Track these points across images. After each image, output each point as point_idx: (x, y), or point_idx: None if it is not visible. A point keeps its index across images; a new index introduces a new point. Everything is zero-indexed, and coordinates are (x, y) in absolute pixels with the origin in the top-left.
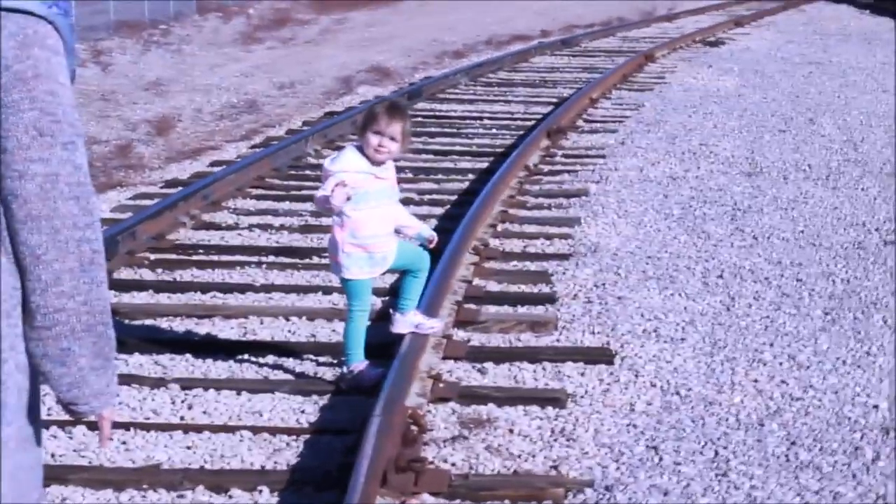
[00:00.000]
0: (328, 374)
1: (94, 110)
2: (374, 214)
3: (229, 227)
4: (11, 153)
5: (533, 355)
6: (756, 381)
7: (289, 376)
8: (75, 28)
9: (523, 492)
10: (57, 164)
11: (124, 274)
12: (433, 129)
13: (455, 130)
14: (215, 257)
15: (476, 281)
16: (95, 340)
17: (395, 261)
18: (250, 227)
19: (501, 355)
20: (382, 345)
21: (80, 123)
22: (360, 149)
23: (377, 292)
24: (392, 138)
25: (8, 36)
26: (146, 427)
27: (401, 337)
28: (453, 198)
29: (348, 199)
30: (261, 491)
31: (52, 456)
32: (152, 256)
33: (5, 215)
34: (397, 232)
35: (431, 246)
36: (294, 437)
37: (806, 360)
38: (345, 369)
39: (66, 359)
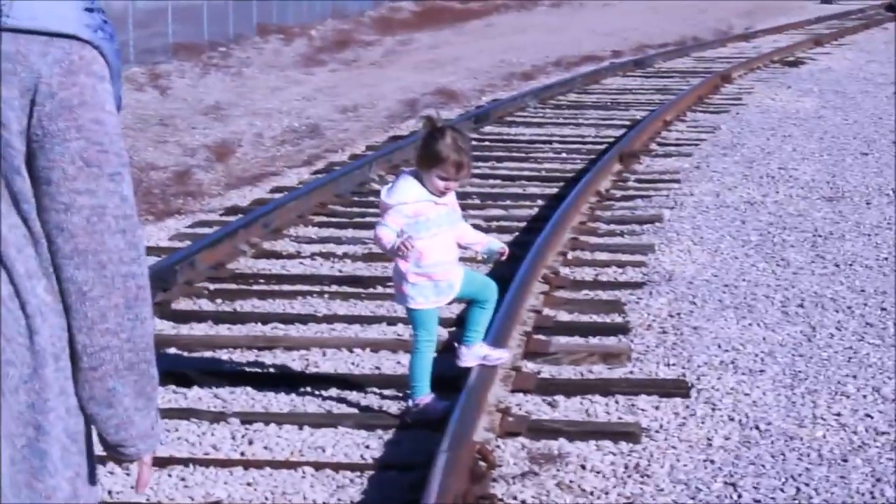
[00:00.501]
0: (393, 407)
1: (152, 135)
2: (436, 242)
3: (290, 256)
4: (57, 184)
5: (605, 388)
6: (839, 414)
7: (352, 410)
8: (121, 52)
9: None
10: (104, 195)
11: (183, 304)
12: (501, 154)
13: (524, 155)
14: (276, 287)
15: (546, 311)
16: (137, 379)
17: (462, 290)
18: (312, 256)
19: (572, 388)
20: (449, 377)
21: (126, 153)
22: (416, 174)
23: (443, 322)
24: (457, 181)
25: (53, 62)
26: (205, 463)
27: (468, 369)
28: (522, 224)
29: (409, 250)
30: None
31: (109, 493)
32: (211, 286)
33: (49, 250)
34: (466, 248)
35: (503, 258)
36: (358, 473)
37: (891, 392)
38: (410, 402)
39: (112, 399)
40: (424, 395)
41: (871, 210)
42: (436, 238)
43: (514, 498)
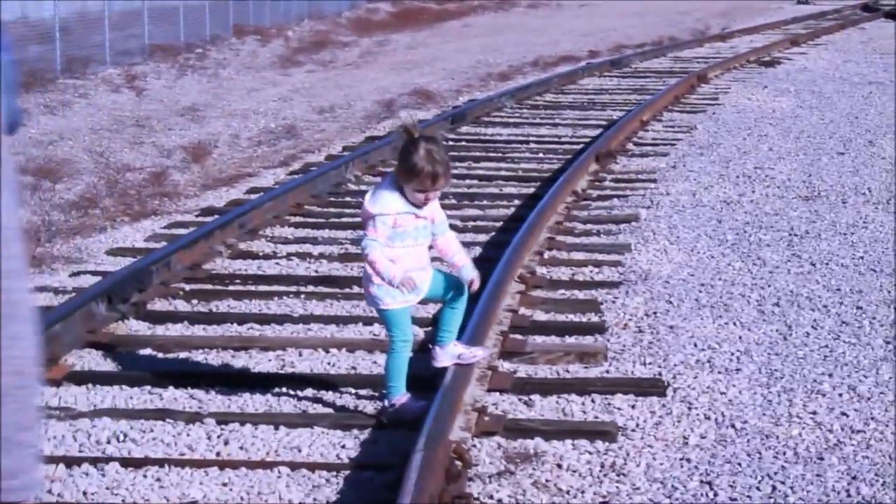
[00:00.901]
0: (369, 407)
1: (128, 136)
2: (409, 252)
3: (267, 257)
4: None
5: (582, 387)
6: (815, 413)
7: (328, 410)
8: (18, 65)
9: None
10: None
11: (158, 305)
12: (478, 154)
13: (500, 155)
14: (252, 287)
15: (522, 310)
16: (17, 407)
17: (431, 290)
18: (288, 256)
19: (549, 387)
20: (425, 377)
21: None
22: (396, 182)
23: (420, 322)
24: (435, 191)
25: None
26: (181, 463)
27: (444, 369)
28: (498, 224)
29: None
30: None
31: (85, 494)
32: (187, 287)
33: None
34: (442, 260)
35: (472, 289)
36: (334, 473)
37: (867, 390)
38: (386, 402)
39: None
40: (400, 395)
41: (847, 209)
42: (410, 249)
43: (491, 497)
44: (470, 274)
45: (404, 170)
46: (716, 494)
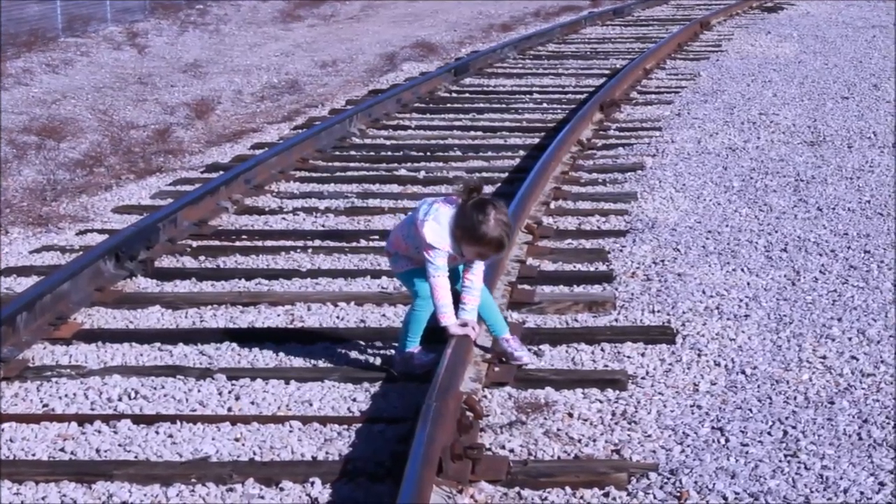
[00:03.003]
0: (379, 360)
1: (131, 94)
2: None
3: (273, 212)
4: None
5: (591, 336)
6: (825, 357)
7: (338, 364)
8: None
9: (584, 477)
10: None
11: (166, 262)
12: (482, 105)
13: (504, 106)
14: (259, 243)
15: (530, 261)
16: None
17: (455, 272)
18: (294, 211)
19: (558, 337)
20: (435, 329)
21: None
22: (454, 232)
23: None
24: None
25: None
26: (193, 419)
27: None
28: (504, 175)
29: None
30: (312, 483)
31: (98, 451)
32: (194, 244)
33: None
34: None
35: (449, 333)
36: (345, 426)
37: (876, 334)
38: (396, 354)
39: None
40: (413, 347)
41: (853, 153)
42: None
43: (502, 447)
44: (464, 316)
45: (471, 236)
46: (727, 440)
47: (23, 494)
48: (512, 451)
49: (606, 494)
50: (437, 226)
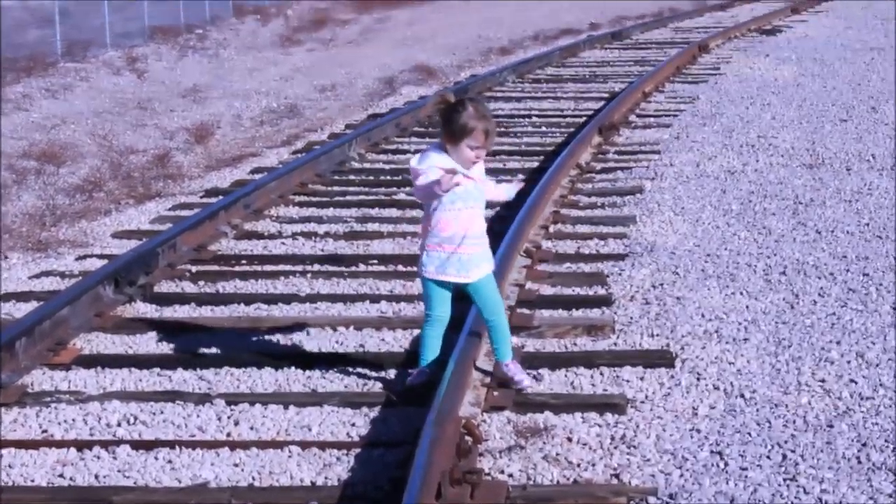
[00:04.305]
0: (378, 385)
1: (131, 119)
2: (459, 216)
3: (272, 236)
4: None
5: (590, 360)
6: (823, 380)
7: (338, 388)
8: None
9: (584, 502)
10: None
11: (165, 287)
12: None
13: (503, 129)
14: (258, 267)
15: (529, 284)
16: None
17: (477, 286)
18: (294, 236)
19: (557, 361)
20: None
21: None
22: (442, 148)
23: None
24: (486, 148)
25: None
26: (192, 445)
27: (454, 344)
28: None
29: (457, 184)
30: None
31: (97, 477)
32: (194, 268)
33: None
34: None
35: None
36: (344, 451)
37: (875, 357)
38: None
39: None
40: (417, 368)
41: (852, 176)
42: (460, 213)
43: (501, 472)
44: (514, 190)
45: (455, 130)
46: (726, 464)
47: None
48: (511, 475)
49: None
50: (420, 156)
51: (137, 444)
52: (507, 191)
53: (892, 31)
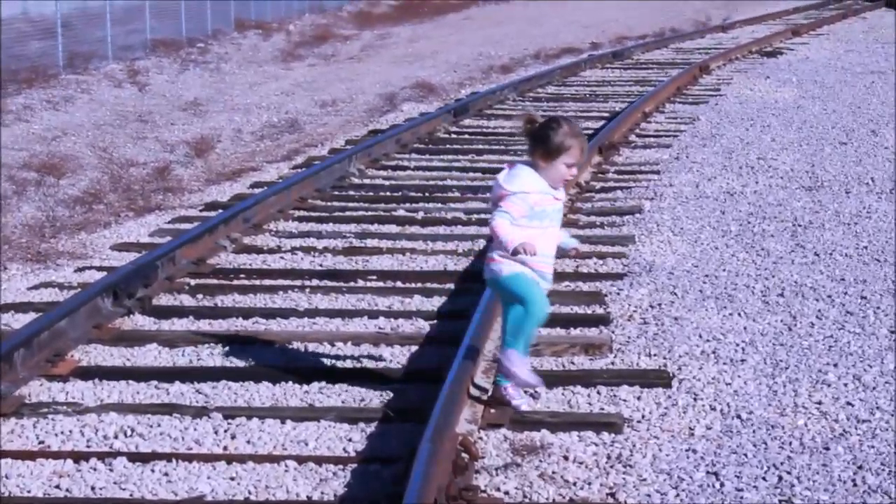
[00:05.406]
0: (375, 400)
1: (131, 132)
2: (545, 234)
3: (271, 251)
4: None
5: (587, 379)
6: (820, 402)
7: (335, 403)
8: None
9: None
10: None
11: (164, 300)
12: (480, 147)
13: (503, 147)
14: (257, 282)
15: None
16: None
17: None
18: (293, 251)
19: (554, 379)
20: (432, 369)
21: None
22: (532, 165)
23: None
24: (580, 165)
25: None
26: (188, 458)
27: (451, 361)
28: None
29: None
30: None
31: (93, 489)
32: (192, 282)
33: None
34: None
35: (574, 254)
36: (341, 466)
37: (872, 380)
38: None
39: None
40: (510, 351)
41: (851, 199)
42: (546, 231)
43: (498, 489)
44: (572, 243)
45: (551, 149)
46: (722, 485)
47: None
48: (507, 493)
49: None
50: (508, 174)
51: (134, 457)
52: (565, 238)
53: (892, 55)
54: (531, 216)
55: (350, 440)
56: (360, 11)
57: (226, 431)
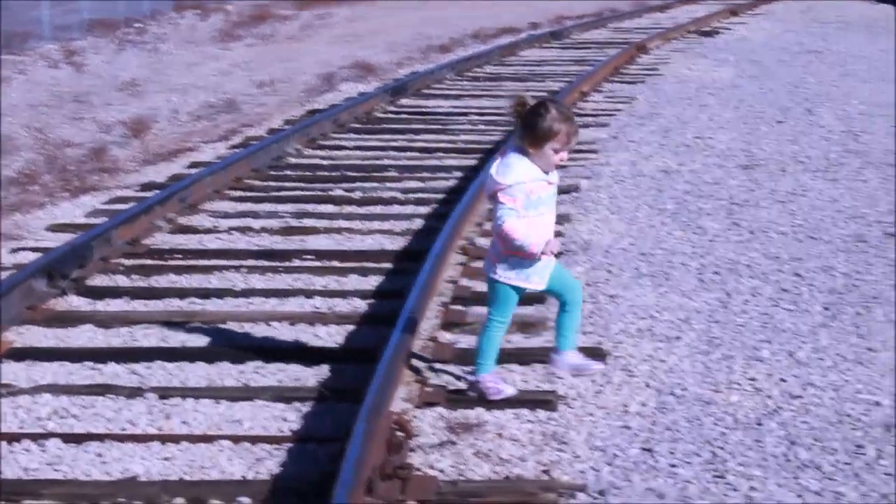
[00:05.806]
0: (311, 380)
1: (68, 112)
2: (540, 221)
3: (207, 231)
4: None
5: (522, 357)
6: (754, 379)
7: (270, 383)
8: None
9: (514, 497)
10: None
11: (99, 280)
12: (418, 126)
13: (441, 127)
14: (193, 262)
15: (463, 281)
16: None
17: (550, 283)
18: (229, 231)
19: None
20: (366, 349)
21: None
22: (522, 151)
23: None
24: (570, 149)
25: None
26: (122, 438)
27: (386, 340)
28: (439, 196)
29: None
30: (242, 502)
31: (25, 470)
32: (128, 262)
33: None
34: None
35: (552, 253)
36: (276, 445)
37: (805, 357)
38: (471, 377)
39: None
40: (485, 374)
41: (786, 177)
42: (541, 218)
43: (432, 467)
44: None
45: (539, 133)
46: (656, 461)
47: None
48: (442, 470)
49: None
50: (500, 166)
51: (67, 438)
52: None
53: (829, 35)
54: (528, 205)
55: (285, 420)
56: None
57: (160, 412)
